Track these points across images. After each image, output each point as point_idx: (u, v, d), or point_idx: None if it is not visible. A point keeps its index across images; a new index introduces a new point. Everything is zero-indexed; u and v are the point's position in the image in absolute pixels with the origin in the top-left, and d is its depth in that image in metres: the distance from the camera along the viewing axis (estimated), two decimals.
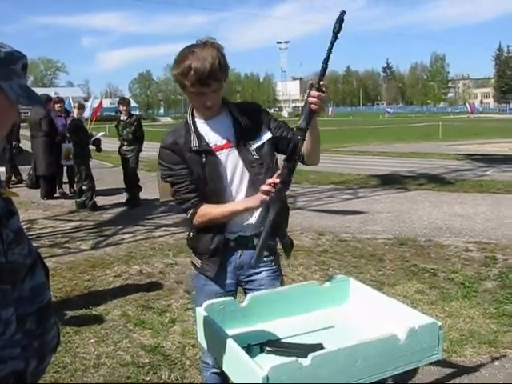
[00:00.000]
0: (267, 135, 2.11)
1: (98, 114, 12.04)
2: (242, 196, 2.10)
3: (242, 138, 2.07)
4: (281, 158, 2.15)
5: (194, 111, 2.11)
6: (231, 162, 2.08)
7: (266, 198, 1.84)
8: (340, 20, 1.62)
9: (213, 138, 2.08)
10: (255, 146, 2.08)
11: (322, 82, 1.75)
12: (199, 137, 2.05)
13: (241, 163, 2.08)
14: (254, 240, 2.11)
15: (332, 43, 1.64)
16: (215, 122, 2.08)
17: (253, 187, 2.05)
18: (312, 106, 1.75)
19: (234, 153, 2.08)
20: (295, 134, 1.79)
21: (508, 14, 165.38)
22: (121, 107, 8.47)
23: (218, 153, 2.07)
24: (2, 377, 1.10)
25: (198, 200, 2.07)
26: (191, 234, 2.24)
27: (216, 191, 2.06)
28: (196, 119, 2.09)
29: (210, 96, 1.96)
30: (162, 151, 2.11)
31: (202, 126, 2.08)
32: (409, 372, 2.51)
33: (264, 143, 2.09)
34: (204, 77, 1.88)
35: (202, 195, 2.07)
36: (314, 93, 1.75)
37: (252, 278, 2.19)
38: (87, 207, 8.26)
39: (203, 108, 2.03)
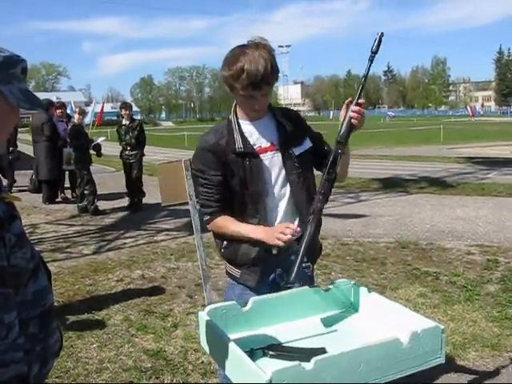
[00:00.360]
0: (308, 143, 2.07)
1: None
2: (284, 203, 2.03)
3: (286, 143, 2.02)
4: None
5: (238, 111, 2.04)
6: (276, 166, 2.01)
7: (282, 243, 1.85)
8: (379, 40, 1.74)
9: (257, 139, 2.01)
10: (297, 153, 2.03)
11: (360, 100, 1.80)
12: (244, 138, 1.98)
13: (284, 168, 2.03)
14: (294, 245, 2.10)
15: (371, 61, 1.75)
16: (260, 123, 2.02)
17: (293, 194, 2.02)
18: (353, 120, 1.79)
19: (279, 157, 2.01)
20: (335, 148, 1.81)
21: (507, 17, 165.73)
22: (123, 112, 8.47)
23: (262, 155, 2.00)
24: (4, 380, 1.10)
25: (218, 210, 2.02)
26: (224, 243, 2.12)
27: (255, 195, 1.99)
28: (240, 120, 2.03)
29: (259, 99, 1.92)
30: (201, 152, 2.03)
31: (246, 127, 2.02)
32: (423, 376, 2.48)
33: (305, 151, 2.05)
34: (257, 80, 1.82)
35: (226, 206, 2.01)
36: (354, 108, 1.78)
37: (291, 284, 2.16)
38: (89, 212, 8.26)
39: (251, 111, 1.98)
